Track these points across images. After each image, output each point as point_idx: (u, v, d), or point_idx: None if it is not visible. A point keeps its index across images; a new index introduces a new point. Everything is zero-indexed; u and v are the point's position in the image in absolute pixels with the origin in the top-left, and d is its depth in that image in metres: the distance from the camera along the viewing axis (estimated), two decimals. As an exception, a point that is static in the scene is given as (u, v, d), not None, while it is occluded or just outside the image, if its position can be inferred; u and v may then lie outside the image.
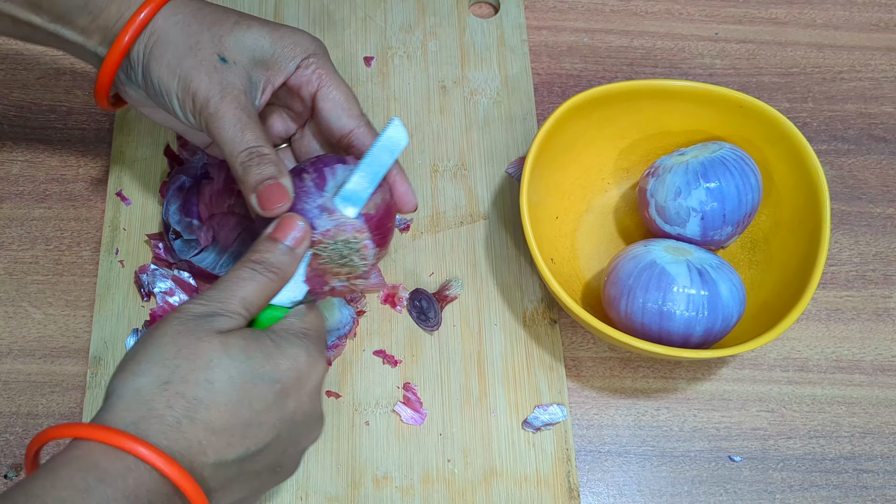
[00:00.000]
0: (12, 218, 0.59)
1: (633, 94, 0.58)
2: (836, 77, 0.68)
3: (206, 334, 0.40)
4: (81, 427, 0.37)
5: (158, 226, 0.59)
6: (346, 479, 0.53)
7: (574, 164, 0.60)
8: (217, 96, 0.45)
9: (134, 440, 0.36)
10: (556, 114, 0.55)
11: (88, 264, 0.58)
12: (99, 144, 0.62)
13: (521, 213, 0.53)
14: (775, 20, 0.70)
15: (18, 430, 0.54)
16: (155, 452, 0.36)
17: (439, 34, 0.67)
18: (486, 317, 0.58)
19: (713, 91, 0.57)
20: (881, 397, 0.58)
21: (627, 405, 0.57)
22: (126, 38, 0.45)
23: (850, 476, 0.56)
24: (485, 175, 0.62)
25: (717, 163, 0.54)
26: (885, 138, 0.66)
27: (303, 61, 0.48)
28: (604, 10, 0.70)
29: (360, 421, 0.55)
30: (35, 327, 0.57)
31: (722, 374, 0.58)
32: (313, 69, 0.49)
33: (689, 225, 0.55)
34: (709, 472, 0.55)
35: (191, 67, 0.45)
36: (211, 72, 0.45)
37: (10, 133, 0.62)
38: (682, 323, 0.51)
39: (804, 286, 0.52)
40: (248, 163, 0.45)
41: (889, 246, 0.63)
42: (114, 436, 0.36)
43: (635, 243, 0.55)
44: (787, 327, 0.50)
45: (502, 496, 0.53)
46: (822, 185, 0.54)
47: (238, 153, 0.45)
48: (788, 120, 0.56)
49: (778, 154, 0.57)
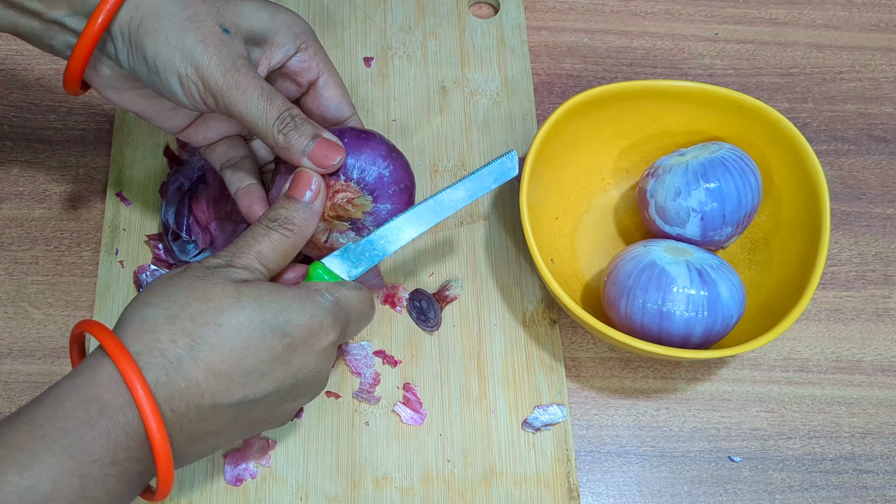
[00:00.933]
0: (12, 218, 0.60)
1: (633, 95, 0.58)
2: (836, 77, 0.68)
3: (221, 281, 0.40)
4: (107, 336, 0.38)
5: (158, 227, 0.59)
6: (345, 480, 0.53)
7: (574, 165, 0.60)
8: (231, 70, 0.42)
9: (137, 375, 0.37)
10: (556, 114, 0.55)
11: (88, 265, 0.58)
12: (99, 145, 0.62)
13: (521, 213, 0.53)
14: (775, 20, 0.70)
15: (18, 430, 0.54)
16: (148, 398, 0.37)
17: (439, 34, 0.67)
18: (486, 317, 0.58)
19: (713, 91, 0.57)
20: (881, 398, 0.58)
21: (627, 405, 0.57)
22: (109, 3, 0.41)
23: (850, 476, 0.56)
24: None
25: (716, 163, 0.54)
26: (885, 139, 0.66)
27: (301, 44, 0.47)
28: (603, 10, 0.70)
29: (360, 421, 0.55)
30: (35, 328, 0.57)
31: (722, 375, 0.58)
32: (313, 54, 0.48)
33: (689, 225, 0.55)
34: (709, 473, 0.55)
35: (195, 42, 0.42)
36: (219, 45, 0.43)
37: (9, 133, 0.62)
38: (682, 323, 0.51)
39: (804, 286, 0.52)
40: (286, 129, 0.43)
41: (889, 246, 0.63)
42: (124, 362, 0.37)
43: (635, 244, 0.55)
44: (786, 327, 0.50)
45: (502, 497, 0.53)
46: (822, 186, 0.54)
47: (273, 122, 0.43)
48: (788, 120, 0.56)
49: (778, 154, 0.57)
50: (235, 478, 0.52)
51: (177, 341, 0.38)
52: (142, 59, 0.43)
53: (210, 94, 0.43)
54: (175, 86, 0.43)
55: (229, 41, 0.43)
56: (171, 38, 0.42)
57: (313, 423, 0.54)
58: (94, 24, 0.42)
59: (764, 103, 0.56)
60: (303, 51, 0.48)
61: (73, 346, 0.43)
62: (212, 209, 0.56)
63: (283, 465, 0.53)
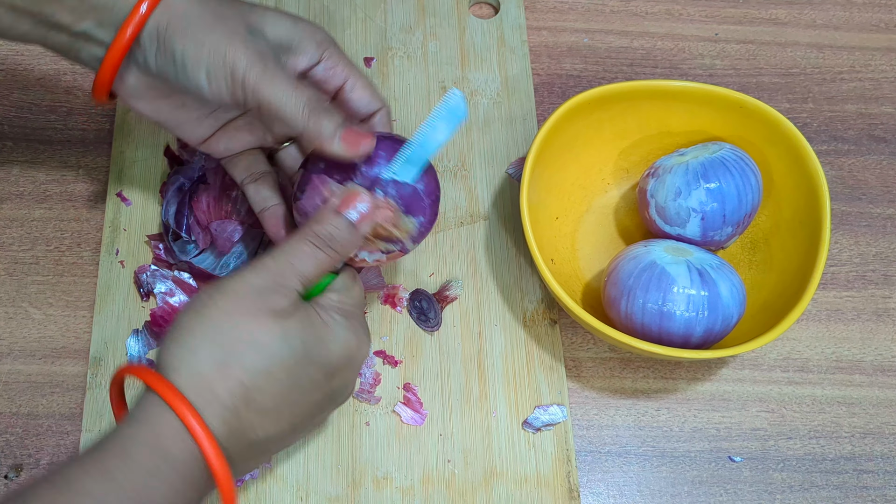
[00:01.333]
0: (13, 218, 0.60)
1: (634, 95, 0.58)
2: (836, 77, 0.68)
3: (264, 316, 0.41)
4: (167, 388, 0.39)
5: (158, 227, 0.59)
6: (346, 480, 0.53)
7: (574, 165, 0.60)
8: (259, 63, 0.43)
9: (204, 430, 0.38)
10: (557, 114, 0.55)
11: (88, 265, 0.58)
12: (99, 145, 0.62)
13: (522, 213, 0.53)
14: (775, 21, 0.70)
15: (19, 430, 0.54)
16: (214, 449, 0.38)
17: (439, 35, 0.67)
18: (486, 317, 0.58)
19: (713, 91, 0.57)
20: (881, 398, 0.58)
21: (627, 406, 0.57)
22: (143, 8, 0.42)
23: (850, 476, 0.56)
24: (485, 175, 0.62)
25: (717, 163, 0.54)
26: (885, 139, 0.66)
27: (324, 52, 0.48)
28: (604, 10, 0.70)
29: (361, 421, 0.55)
30: (35, 328, 0.57)
31: (722, 375, 0.58)
32: (336, 60, 0.48)
33: (689, 225, 0.55)
34: (709, 473, 0.55)
35: (222, 38, 0.43)
36: (247, 41, 0.43)
37: (10, 134, 0.62)
38: (682, 323, 0.51)
39: (805, 286, 0.52)
40: (315, 114, 0.43)
41: (889, 246, 0.63)
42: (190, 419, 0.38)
43: (635, 244, 0.55)
44: (787, 327, 0.50)
45: (502, 497, 0.53)
46: (823, 186, 0.54)
47: (302, 108, 0.43)
48: (789, 120, 0.56)
49: (778, 154, 0.57)
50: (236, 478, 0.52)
51: (232, 392, 0.39)
52: (170, 57, 0.43)
53: (239, 86, 0.43)
54: (202, 81, 0.43)
55: (255, 41, 0.44)
56: (199, 35, 0.43)
57: (314, 423, 0.54)
58: (124, 34, 0.43)
59: (764, 104, 0.56)
60: (326, 59, 0.48)
61: (114, 388, 0.43)
62: (212, 209, 0.56)
63: (284, 465, 0.53)
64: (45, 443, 0.54)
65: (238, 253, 0.56)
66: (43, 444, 0.54)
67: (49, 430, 0.54)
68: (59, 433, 0.54)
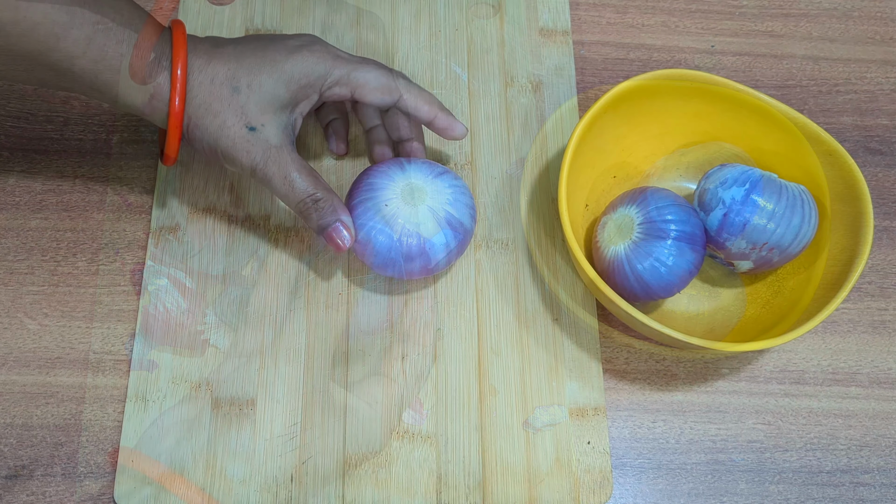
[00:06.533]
0: (8, 228, 0.59)
1: (682, 92, 0.59)
2: (832, 89, 0.68)
3: None
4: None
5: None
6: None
7: (614, 153, 0.61)
8: (261, 163, 0.51)
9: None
10: (602, 101, 0.57)
11: (84, 274, 0.58)
12: (95, 155, 0.62)
13: (560, 199, 0.54)
14: (771, 33, 0.70)
15: (13, 441, 0.54)
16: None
17: (440, 35, 0.67)
18: (487, 317, 0.58)
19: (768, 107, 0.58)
20: (878, 410, 0.58)
21: (623, 417, 0.57)
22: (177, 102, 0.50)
23: (846, 489, 0.56)
24: (487, 175, 0.62)
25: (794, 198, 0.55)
26: (881, 150, 0.66)
27: (323, 85, 0.53)
28: (600, 22, 0.70)
29: (356, 432, 0.55)
30: (30, 338, 0.56)
31: (718, 387, 0.58)
32: (337, 87, 0.53)
33: (714, 214, 0.55)
34: (705, 485, 0.55)
35: (228, 148, 0.51)
36: (247, 146, 0.51)
37: (6, 143, 0.62)
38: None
39: (841, 283, 0.53)
40: (306, 211, 0.52)
41: (885, 258, 0.63)
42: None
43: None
44: (822, 319, 0.51)
45: (503, 497, 0.53)
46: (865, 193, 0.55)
47: (295, 205, 0.52)
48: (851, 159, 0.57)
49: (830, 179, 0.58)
50: None
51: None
52: (193, 146, 0.52)
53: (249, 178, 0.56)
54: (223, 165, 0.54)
55: (255, 138, 0.51)
56: (208, 141, 0.51)
57: (315, 423, 0.54)
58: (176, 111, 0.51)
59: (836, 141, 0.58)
60: (326, 88, 0.53)
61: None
62: None
63: (285, 467, 0.53)
64: (40, 453, 0.53)
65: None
66: (37, 455, 0.53)
67: (44, 441, 0.54)
68: (53, 444, 0.54)
